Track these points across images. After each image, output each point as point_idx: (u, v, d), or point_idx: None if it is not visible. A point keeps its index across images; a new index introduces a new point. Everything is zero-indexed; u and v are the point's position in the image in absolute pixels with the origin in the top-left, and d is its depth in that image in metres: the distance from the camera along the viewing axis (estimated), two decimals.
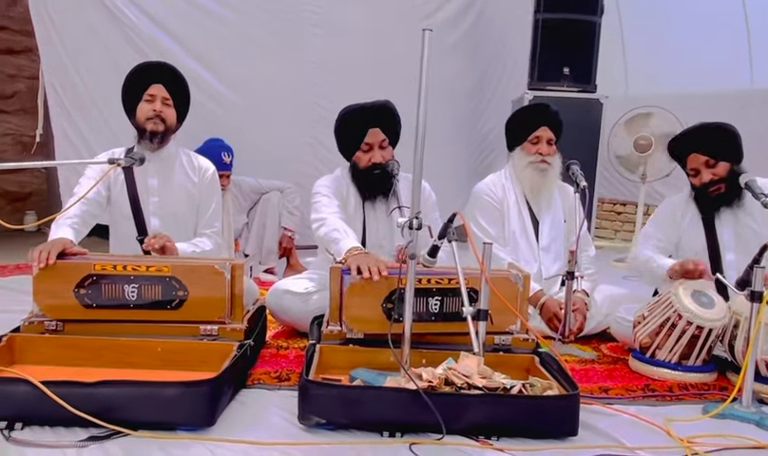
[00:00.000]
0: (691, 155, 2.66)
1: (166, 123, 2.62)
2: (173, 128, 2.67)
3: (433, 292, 2.20)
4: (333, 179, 2.79)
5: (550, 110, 3.01)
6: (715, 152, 2.61)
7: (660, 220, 2.85)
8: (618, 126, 5.16)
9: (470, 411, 1.74)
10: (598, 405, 2.05)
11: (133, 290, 2.15)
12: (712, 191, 2.63)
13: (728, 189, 2.62)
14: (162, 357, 2.09)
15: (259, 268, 4.23)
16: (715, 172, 2.62)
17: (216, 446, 1.65)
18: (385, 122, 2.71)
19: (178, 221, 2.69)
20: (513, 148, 3.08)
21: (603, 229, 6.71)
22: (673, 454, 1.72)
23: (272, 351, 2.50)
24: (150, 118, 2.59)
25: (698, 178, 2.66)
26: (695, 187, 2.71)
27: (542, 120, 2.98)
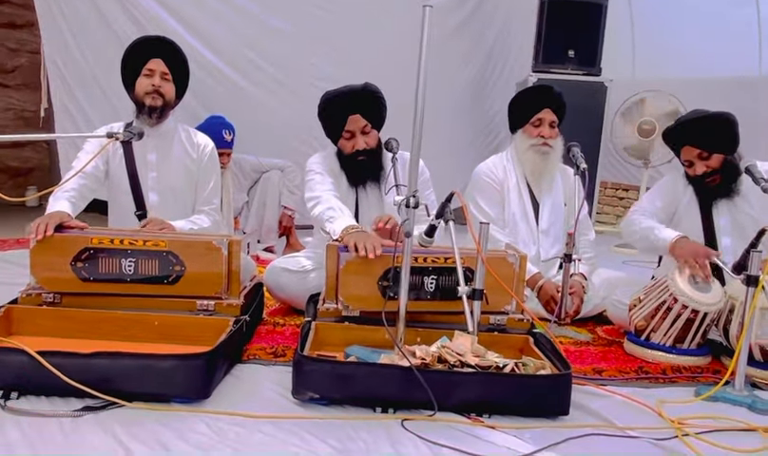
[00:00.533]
0: (685, 147, 2.64)
1: (165, 98, 2.61)
2: (172, 103, 2.67)
3: (429, 270, 2.21)
4: (325, 156, 2.78)
5: (553, 92, 2.99)
6: (708, 145, 2.57)
7: (660, 192, 2.82)
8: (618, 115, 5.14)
9: (462, 389, 1.76)
10: (591, 386, 2.07)
11: (130, 264, 2.17)
12: (707, 182, 2.62)
13: (723, 180, 2.60)
14: (158, 331, 2.11)
15: (259, 246, 4.25)
16: (708, 164, 2.59)
17: (210, 418, 1.68)
18: (365, 107, 2.65)
19: (176, 197, 2.69)
20: (515, 130, 3.07)
21: (604, 214, 6.70)
22: (663, 435, 1.74)
23: (268, 327, 2.52)
24: (149, 93, 2.59)
25: (692, 169, 2.65)
26: (689, 177, 2.70)
27: (545, 102, 2.96)
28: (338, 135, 2.70)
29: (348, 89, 2.66)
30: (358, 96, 2.64)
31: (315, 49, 5.13)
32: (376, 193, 2.74)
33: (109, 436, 1.55)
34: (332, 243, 2.28)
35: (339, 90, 2.68)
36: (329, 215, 2.46)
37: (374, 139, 2.70)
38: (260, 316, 2.60)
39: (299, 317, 2.65)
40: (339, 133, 2.69)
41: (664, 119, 4.98)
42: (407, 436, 1.64)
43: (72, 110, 4.64)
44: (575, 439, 1.68)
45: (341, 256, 2.20)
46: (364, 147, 2.66)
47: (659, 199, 2.80)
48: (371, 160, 2.70)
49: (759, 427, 1.81)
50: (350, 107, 2.64)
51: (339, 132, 2.68)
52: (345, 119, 2.64)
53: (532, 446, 1.63)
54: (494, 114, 6.22)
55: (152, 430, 1.59)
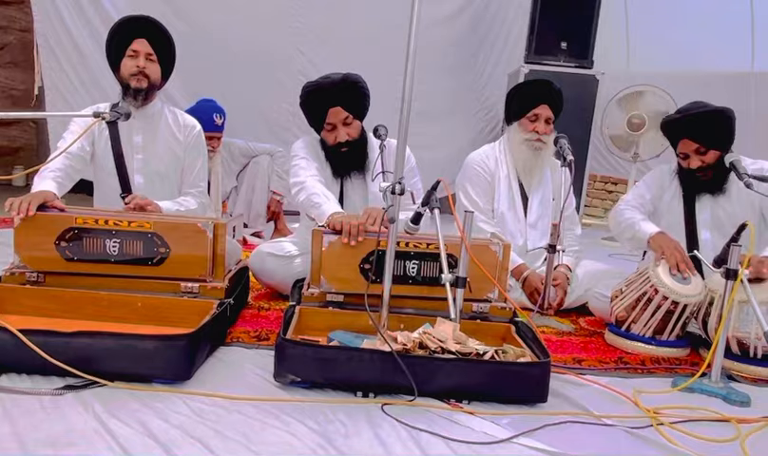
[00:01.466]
0: (683, 139, 2.64)
1: (150, 79, 2.60)
2: (158, 84, 2.66)
3: (411, 255, 2.23)
4: (311, 141, 2.78)
5: (553, 88, 2.99)
6: (707, 140, 2.57)
7: (648, 184, 2.85)
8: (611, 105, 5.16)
9: (442, 375, 1.78)
10: (570, 374, 2.10)
11: (114, 245, 2.17)
12: (698, 176, 2.64)
13: (714, 176, 2.62)
14: (141, 312, 2.12)
15: (246, 230, 4.25)
16: (704, 159, 2.60)
17: (191, 398, 1.69)
18: (345, 99, 2.62)
19: (162, 180, 2.69)
20: (511, 122, 3.08)
21: (593, 207, 6.74)
22: (639, 424, 1.76)
23: (253, 311, 2.53)
24: (134, 74, 2.57)
25: (686, 161, 2.65)
26: (682, 168, 2.71)
27: (543, 97, 2.96)
28: (320, 127, 2.70)
29: (327, 82, 2.63)
30: (338, 88, 2.61)
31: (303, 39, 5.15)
32: (361, 182, 2.74)
33: (90, 415, 1.56)
34: (317, 228, 2.29)
35: (319, 83, 2.65)
36: (314, 201, 2.47)
37: (356, 129, 2.69)
38: (245, 300, 2.61)
39: (284, 302, 2.66)
40: (321, 125, 2.68)
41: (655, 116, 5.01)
42: (386, 420, 1.66)
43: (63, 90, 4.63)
44: (552, 426, 1.71)
45: (325, 239, 2.21)
46: (346, 139, 2.66)
47: (647, 191, 2.83)
48: (354, 150, 2.69)
49: (733, 418, 1.85)
50: (330, 100, 2.62)
51: (321, 124, 2.68)
52: (326, 111, 2.63)
53: (509, 431, 1.65)
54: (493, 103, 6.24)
55: (133, 410, 1.60)
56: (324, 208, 2.40)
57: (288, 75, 5.25)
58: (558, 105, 2.99)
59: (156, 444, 1.45)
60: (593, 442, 1.66)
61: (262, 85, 5.22)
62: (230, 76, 5.00)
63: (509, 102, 3.09)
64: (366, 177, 2.73)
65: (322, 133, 2.71)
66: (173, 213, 2.53)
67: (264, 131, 4.93)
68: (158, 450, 1.43)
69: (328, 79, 2.63)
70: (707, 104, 2.63)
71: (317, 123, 2.70)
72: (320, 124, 2.68)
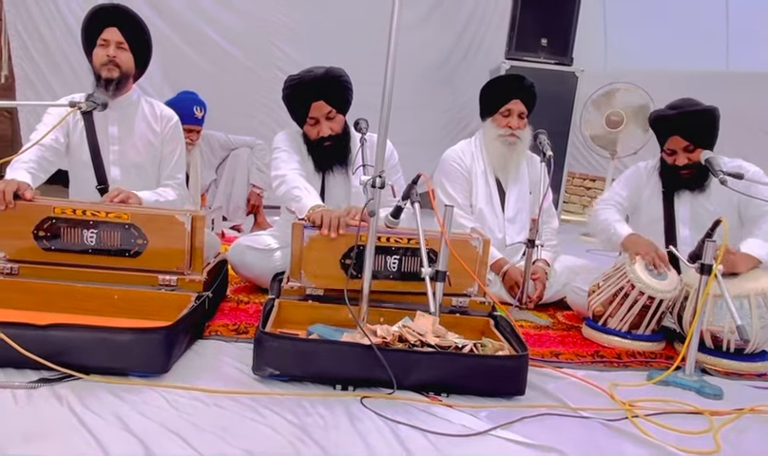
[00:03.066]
0: (673, 136, 2.62)
1: (122, 68, 2.55)
2: (131, 74, 2.60)
3: (392, 250, 2.23)
4: (292, 134, 2.76)
5: (525, 83, 3.00)
6: (697, 139, 2.57)
7: (625, 181, 2.86)
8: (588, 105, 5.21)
9: (421, 368, 1.78)
10: (548, 368, 2.12)
11: (92, 235, 2.14)
12: (682, 173, 2.65)
13: (696, 173, 2.63)
14: (118, 305, 2.09)
15: (225, 223, 4.22)
16: (690, 157, 2.60)
17: (168, 392, 1.67)
18: (328, 93, 2.60)
19: (139, 172, 2.66)
20: (485, 118, 3.09)
21: (571, 204, 6.80)
22: (615, 416, 1.79)
23: (232, 304, 2.52)
24: (104, 64, 2.52)
25: (672, 158, 2.66)
26: (665, 165, 2.72)
27: (515, 92, 2.97)
28: (303, 121, 2.68)
29: (310, 76, 2.60)
30: (321, 82, 2.59)
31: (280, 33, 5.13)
32: (343, 176, 2.73)
33: (65, 408, 1.54)
34: (297, 222, 2.28)
35: (301, 76, 2.62)
36: (295, 194, 2.46)
37: (339, 124, 2.67)
38: (224, 294, 2.59)
39: (264, 295, 2.65)
40: (304, 119, 2.66)
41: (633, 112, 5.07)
42: (365, 413, 1.66)
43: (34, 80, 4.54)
44: (530, 418, 1.73)
45: (305, 234, 2.20)
46: (329, 133, 2.64)
47: (624, 188, 2.85)
48: (336, 145, 2.68)
49: (706, 411, 1.88)
50: (312, 94, 2.60)
51: (304, 118, 2.66)
52: (308, 106, 2.61)
53: (488, 424, 1.66)
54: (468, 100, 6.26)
55: (108, 403, 1.58)
56: (305, 201, 2.39)
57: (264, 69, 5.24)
58: (531, 100, 3.01)
59: (133, 437, 1.44)
60: (570, 434, 1.68)
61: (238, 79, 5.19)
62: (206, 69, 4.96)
63: (483, 97, 3.10)
64: (348, 171, 2.72)
65: (305, 127, 2.69)
66: (152, 204, 2.50)
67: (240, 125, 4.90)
68: (134, 444, 1.41)
69: (311, 73, 2.61)
70: (698, 103, 2.62)
71: (300, 117, 2.68)
72: (303, 119, 2.66)
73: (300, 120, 2.69)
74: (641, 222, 2.76)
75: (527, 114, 3.01)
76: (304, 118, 2.65)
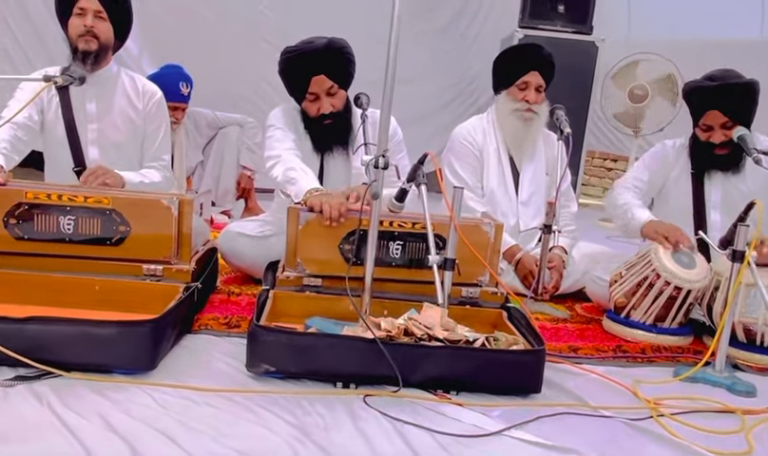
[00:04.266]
0: (711, 111, 2.58)
1: (100, 39, 2.54)
2: (110, 45, 2.60)
3: (395, 235, 2.24)
4: (288, 110, 2.76)
5: (543, 53, 2.99)
6: (737, 115, 2.54)
7: (649, 162, 2.86)
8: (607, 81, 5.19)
9: (428, 364, 1.80)
10: (566, 364, 2.13)
11: (69, 222, 2.15)
12: (717, 152, 2.63)
13: (732, 153, 2.61)
14: (99, 297, 2.10)
15: (214, 209, 4.23)
16: (727, 134, 2.57)
17: (155, 390, 1.69)
18: (330, 66, 2.59)
19: (120, 153, 2.66)
20: (499, 91, 3.09)
21: (591, 186, 6.80)
22: (638, 415, 1.80)
23: (222, 296, 2.53)
24: (81, 35, 2.51)
25: (708, 134, 2.63)
26: (698, 141, 2.69)
27: (532, 63, 2.96)
28: (302, 96, 2.67)
29: (310, 48, 2.58)
30: (322, 55, 2.58)
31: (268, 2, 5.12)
32: (343, 157, 2.73)
33: (44, 407, 1.55)
34: (293, 206, 2.29)
35: (300, 48, 2.61)
36: (290, 176, 2.46)
37: (340, 100, 2.67)
38: (214, 284, 2.61)
39: (257, 286, 2.66)
40: (303, 95, 2.66)
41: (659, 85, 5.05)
42: (369, 412, 1.68)
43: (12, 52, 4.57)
44: (546, 417, 1.74)
45: (301, 217, 2.21)
46: (330, 110, 2.64)
47: (645, 171, 2.84)
48: (338, 123, 2.68)
49: (738, 409, 1.89)
50: (313, 68, 2.58)
51: (303, 94, 2.65)
52: (308, 80, 2.60)
53: (501, 424, 1.68)
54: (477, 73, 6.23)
55: (91, 402, 1.59)
56: (301, 184, 2.39)
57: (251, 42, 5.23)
58: (549, 72, 3.00)
59: (118, 438, 1.45)
60: (589, 434, 1.69)
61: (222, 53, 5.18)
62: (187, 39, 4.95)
63: (497, 69, 3.09)
64: (349, 151, 2.72)
65: (303, 103, 2.68)
66: (136, 186, 2.51)
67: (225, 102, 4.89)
68: (120, 445, 1.43)
69: (311, 44, 2.59)
70: (740, 75, 2.58)
71: (298, 92, 2.67)
72: (302, 94, 2.66)
73: (299, 95, 2.68)
74: (667, 207, 2.76)
75: (544, 88, 3.01)
76: (303, 93, 2.64)
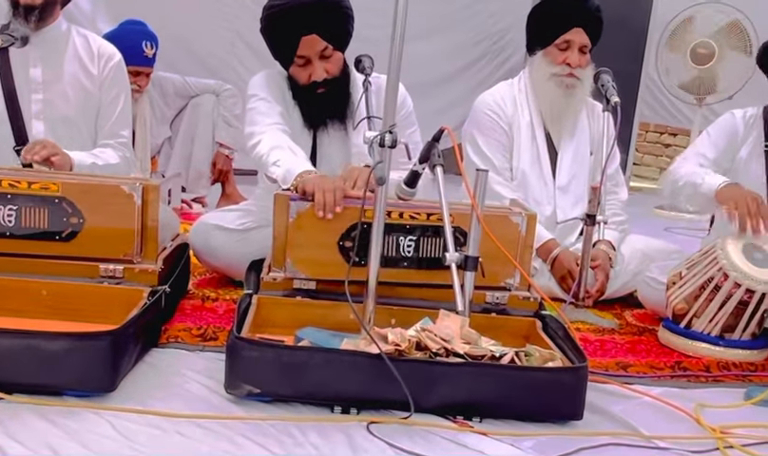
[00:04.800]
0: None
1: None
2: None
3: (406, 229, 2.25)
4: (273, 76, 2.76)
5: (589, 5, 2.99)
6: None
7: (714, 137, 2.87)
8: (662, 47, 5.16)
9: (446, 384, 1.81)
10: (613, 384, 2.14)
11: (10, 213, 2.16)
12: None
13: None
14: (48, 303, 2.12)
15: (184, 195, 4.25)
16: None
17: (115, 416, 1.70)
18: (323, 23, 2.59)
19: (69, 128, 2.69)
20: (534, 52, 3.09)
21: (645, 166, 6.79)
22: (701, 447, 1.81)
23: (195, 302, 2.55)
24: None
25: None
26: None
27: (576, 19, 2.96)
28: (289, 60, 2.67)
29: (298, 1, 2.57)
30: (313, 10, 2.57)
31: None
32: (341, 134, 2.74)
33: None
34: (281, 193, 2.30)
35: (287, 1, 2.59)
36: (276, 156, 2.46)
37: (336, 64, 2.67)
38: (185, 288, 2.63)
39: (237, 290, 2.68)
40: (291, 59, 2.66)
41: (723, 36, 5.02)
42: (374, 443, 1.69)
43: None
44: (589, 449, 1.74)
45: (291, 207, 2.22)
46: (324, 77, 2.64)
47: (711, 148, 2.84)
48: (333, 92, 2.68)
49: None
50: (302, 26, 2.58)
51: (291, 58, 2.65)
52: (297, 41, 2.60)
53: None
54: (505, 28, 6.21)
55: (39, 431, 1.61)
56: (290, 166, 2.39)
57: None
58: (596, 29, 3.00)
59: None
60: None
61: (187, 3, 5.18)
62: None
63: (532, 24, 3.10)
64: (348, 126, 2.72)
65: (291, 69, 2.69)
66: (87, 168, 2.52)
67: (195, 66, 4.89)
68: None
69: None
70: None
71: (285, 55, 2.67)
72: (289, 58, 2.66)
73: (285, 59, 2.69)
74: None
75: (589, 48, 3.00)
76: (291, 57, 2.65)
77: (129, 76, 2.86)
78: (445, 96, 5.75)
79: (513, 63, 6.16)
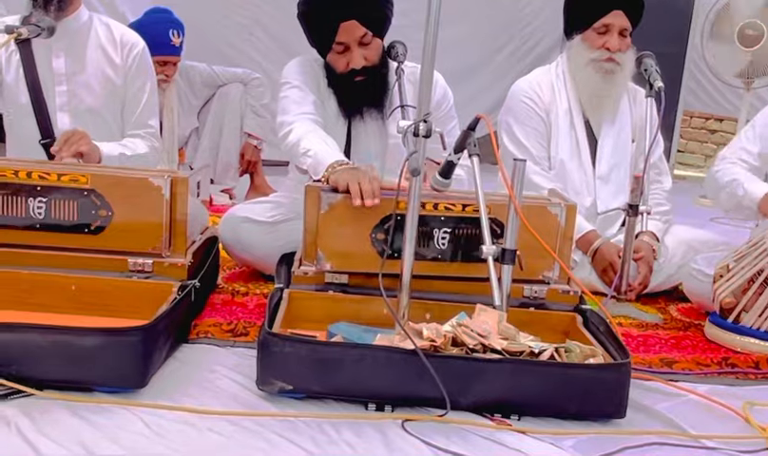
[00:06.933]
0: None
1: None
2: None
3: (441, 221, 2.25)
4: (308, 63, 2.78)
5: None
6: None
7: (761, 129, 2.84)
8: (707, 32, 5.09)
9: (483, 381, 1.81)
10: (658, 381, 2.13)
11: (40, 205, 2.20)
12: None
13: None
14: (77, 298, 2.15)
15: (213, 188, 4.28)
16: None
17: (147, 412, 1.73)
18: (363, 9, 2.60)
19: (96, 119, 2.73)
20: (572, 36, 3.08)
21: (689, 153, 6.72)
22: (751, 446, 1.80)
23: (225, 296, 2.58)
24: None
25: None
26: None
27: (615, 1, 2.94)
28: (327, 47, 2.69)
29: None
30: None
31: None
32: (377, 123, 2.75)
33: (14, 434, 1.60)
34: (312, 184, 2.31)
35: None
36: (306, 146, 2.47)
37: (375, 51, 2.68)
38: (215, 282, 2.66)
39: (268, 284, 2.71)
40: (329, 45, 2.67)
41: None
42: (409, 441, 1.70)
43: None
44: (632, 449, 1.74)
45: (323, 198, 2.23)
46: (363, 64, 2.65)
47: (756, 140, 2.82)
48: (372, 80, 2.69)
49: None
50: (342, 11, 2.59)
51: (329, 44, 2.67)
52: (336, 27, 2.61)
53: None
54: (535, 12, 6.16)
55: (70, 428, 1.64)
56: (321, 157, 2.40)
57: None
58: (637, 11, 2.99)
59: None
60: None
61: None
62: None
63: (569, 7, 3.09)
64: (385, 115, 2.73)
65: (329, 56, 2.70)
66: (115, 160, 2.56)
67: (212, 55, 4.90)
68: None
69: None
70: None
71: (323, 42, 2.69)
72: (327, 44, 2.67)
73: (323, 46, 2.70)
74: None
75: (630, 31, 2.98)
76: (329, 43, 2.66)
77: (156, 66, 2.89)
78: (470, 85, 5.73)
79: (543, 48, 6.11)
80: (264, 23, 5.24)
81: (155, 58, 2.90)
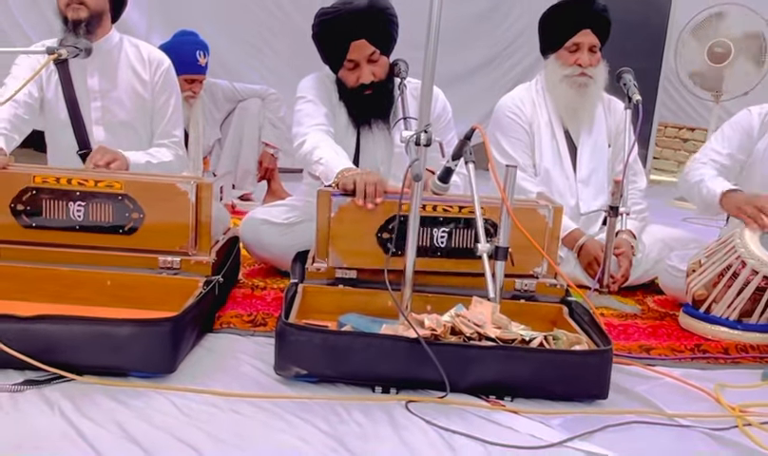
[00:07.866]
0: None
1: (89, 6, 2.57)
2: (102, 10, 2.64)
3: (440, 221, 2.26)
4: (321, 79, 2.78)
5: (594, 7, 2.96)
6: None
7: (730, 133, 2.81)
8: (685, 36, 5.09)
9: (479, 366, 1.82)
10: (636, 365, 2.14)
11: (79, 209, 2.21)
12: None
13: None
14: (112, 292, 2.17)
15: (234, 193, 4.29)
16: None
17: (176, 395, 1.74)
18: (372, 29, 2.61)
19: (128, 132, 2.73)
20: (547, 55, 3.09)
21: (663, 160, 6.69)
22: (721, 424, 1.79)
23: (245, 291, 2.59)
24: (68, 3, 2.55)
25: None
26: None
27: (583, 21, 2.94)
28: (339, 64, 2.70)
29: (350, 8, 2.59)
30: (363, 16, 2.59)
31: None
32: (383, 133, 2.76)
33: (56, 415, 1.61)
34: (323, 189, 2.32)
35: (338, 9, 2.62)
36: (318, 155, 2.48)
37: (383, 68, 2.69)
38: (236, 278, 2.66)
39: (284, 279, 2.71)
40: (340, 62, 2.68)
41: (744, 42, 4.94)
42: (412, 420, 1.70)
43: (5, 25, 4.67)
44: (614, 427, 1.74)
45: (333, 202, 2.24)
46: (371, 79, 2.66)
47: (725, 143, 2.80)
48: (379, 94, 2.70)
49: None
50: (353, 32, 2.60)
51: (341, 61, 2.68)
52: (347, 46, 2.62)
53: (562, 434, 1.69)
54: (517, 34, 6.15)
55: (108, 409, 1.65)
56: (332, 164, 2.41)
57: None
58: (604, 28, 2.98)
59: (138, 448, 1.50)
60: (664, 445, 1.70)
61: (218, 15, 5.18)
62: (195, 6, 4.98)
63: (543, 28, 3.09)
64: (391, 126, 2.74)
65: (341, 72, 2.70)
66: (142, 168, 2.57)
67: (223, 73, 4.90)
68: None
69: (350, 4, 2.60)
70: None
71: (335, 59, 2.69)
72: (339, 62, 2.68)
73: (335, 63, 2.71)
74: (754, 183, 2.71)
75: (599, 47, 2.98)
76: (341, 61, 2.67)
77: (185, 84, 2.90)
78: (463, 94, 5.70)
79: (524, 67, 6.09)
80: (274, 46, 5.24)
81: (183, 76, 2.91)
